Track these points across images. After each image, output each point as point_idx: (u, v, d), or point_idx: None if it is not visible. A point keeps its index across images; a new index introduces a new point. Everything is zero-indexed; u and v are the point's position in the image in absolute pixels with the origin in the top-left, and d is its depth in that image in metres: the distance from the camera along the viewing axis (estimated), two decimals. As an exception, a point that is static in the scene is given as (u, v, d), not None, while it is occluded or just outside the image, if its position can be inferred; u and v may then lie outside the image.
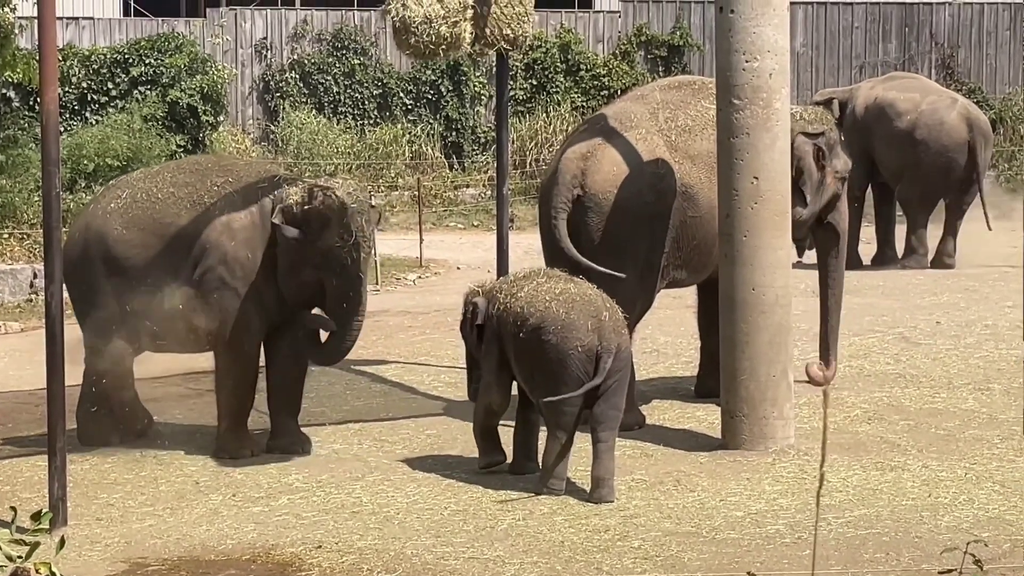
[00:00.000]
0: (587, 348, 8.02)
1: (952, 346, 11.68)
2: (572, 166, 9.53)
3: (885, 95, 16.42)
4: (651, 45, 24.50)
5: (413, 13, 10.45)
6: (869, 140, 16.21)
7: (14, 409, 9.69)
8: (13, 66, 15.29)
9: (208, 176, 9.24)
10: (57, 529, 7.55)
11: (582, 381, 8.01)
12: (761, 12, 8.91)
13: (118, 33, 22.64)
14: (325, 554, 7.34)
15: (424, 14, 10.45)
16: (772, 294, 8.93)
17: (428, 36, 10.46)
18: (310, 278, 8.85)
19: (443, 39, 10.48)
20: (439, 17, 10.44)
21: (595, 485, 8.06)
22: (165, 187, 9.25)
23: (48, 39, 7.74)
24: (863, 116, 16.30)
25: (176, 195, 9.18)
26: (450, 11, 10.46)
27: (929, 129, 16.03)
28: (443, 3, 10.45)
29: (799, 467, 8.56)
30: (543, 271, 8.58)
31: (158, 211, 9.16)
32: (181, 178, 9.28)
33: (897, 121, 16.15)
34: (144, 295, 9.05)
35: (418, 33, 10.47)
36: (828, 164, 9.93)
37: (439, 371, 11.24)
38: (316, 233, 8.74)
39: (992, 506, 7.83)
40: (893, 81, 17.10)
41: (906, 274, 15.70)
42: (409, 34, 10.50)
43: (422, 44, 10.53)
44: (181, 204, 9.13)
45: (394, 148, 22.73)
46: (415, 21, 10.46)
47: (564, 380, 8.02)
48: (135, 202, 9.24)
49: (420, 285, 16.73)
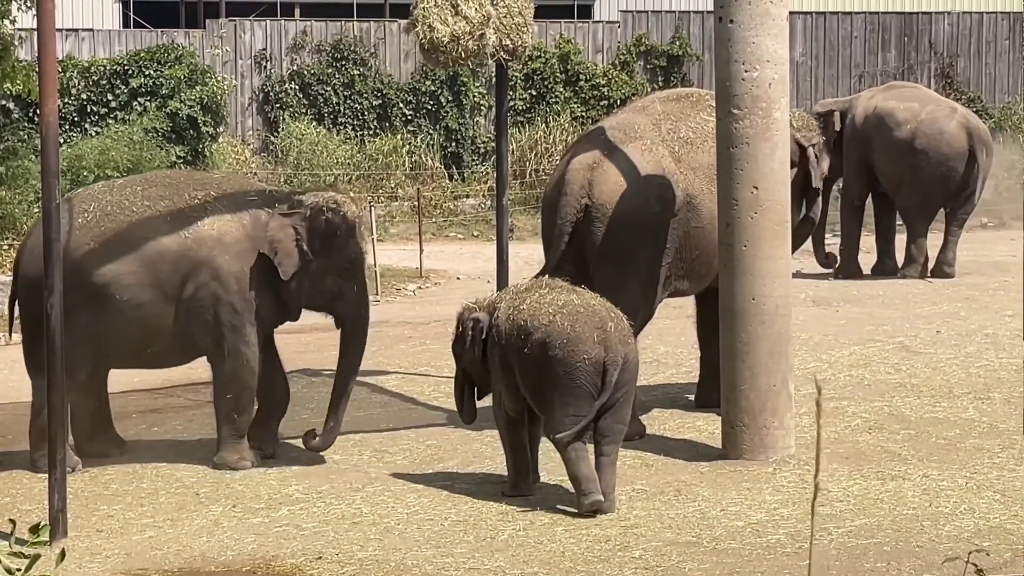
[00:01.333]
0: (594, 361, 7.92)
1: (952, 355, 11.68)
2: (579, 176, 9.54)
3: (884, 104, 16.41)
4: (650, 55, 24.52)
5: (440, 34, 10.65)
6: (868, 150, 16.21)
7: (15, 421, 9.68)
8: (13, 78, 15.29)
9: (184, 189, 9.18)
10: (57, 541, 7.55)
11: (591, 394, 7.92)
12: (760, 22, 8.91)
13: (118, 44, 22.66)
14: (325, 565, 7.34)
15: (451, 32, 10.63)
16: (772, 304, 8.93)
17: (457, 52, 10.79)
18: (333, 286, 9.14)
19: (471, 53, 10.80)
20: (465, 33, 10.66)
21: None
22: (138, 200, 9.09)
23: (48, 51, 7.74)
24: (862, 126, 16.28)
25: (153, 208, 9.05)
26: (475, 25, 10.63)
27: (928, 138, 16.02)
28: (468, 19, 10.59)
29: (800, 477, 8.55)
30: (545, 282, 8.49)
31: (135, 224, 9.00)
32: (154, 191, 9.15)
33: (896, 130, 16.14)
34: (120, 311, 8.94)
35: (447, 51, 10.76)
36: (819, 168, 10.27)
37: (439, 381, 11.23)
38: (343, 242, 9.09)
39: (993, 515, 7.82)
40: (892, 91, 17.09)
41: (906, 283, 15.70)
42: (439, 53, 10.83)
43: (451, 60, 10.91)
44: (160, 217, 9.01)
45: (394, 158, 22.76)
46: (443, 41, 10.66)
47: (572, 394, 7.93)
48: (106, 215, 9.03)
49: (420, 296, 16.73)
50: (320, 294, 9.16)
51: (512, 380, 8.18)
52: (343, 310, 9.24)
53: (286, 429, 10.04)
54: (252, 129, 23.17)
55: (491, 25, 10.69)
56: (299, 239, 9.02)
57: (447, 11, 10.74)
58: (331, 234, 9.08)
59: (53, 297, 7.75)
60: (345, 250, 9.14)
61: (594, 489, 7.91)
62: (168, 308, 8.99)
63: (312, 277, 9.08)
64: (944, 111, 16.38)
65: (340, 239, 9.10)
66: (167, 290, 8.98)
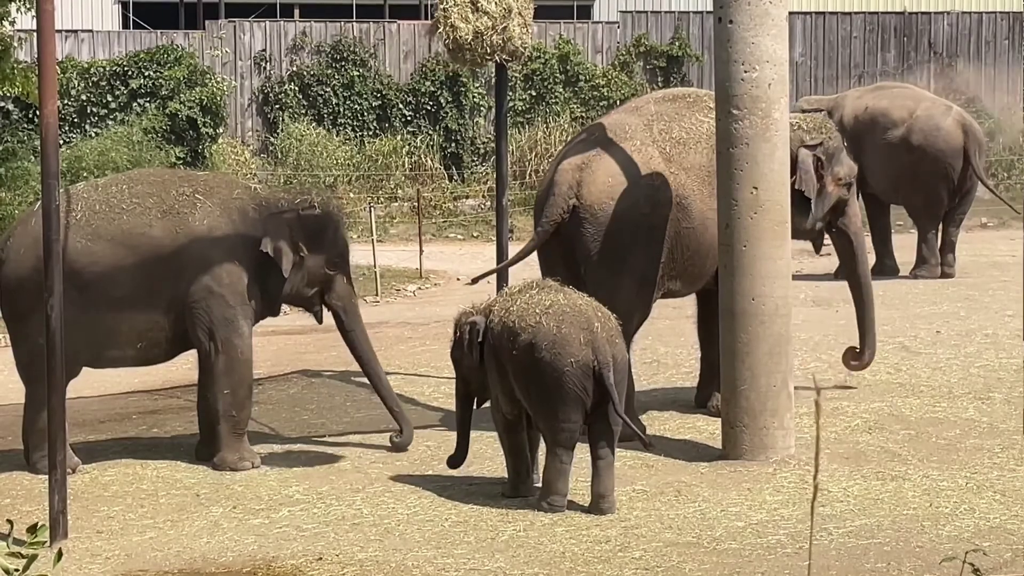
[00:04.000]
0: (582, 363, 7.86)
1: (952, 355, 11.68)
2: (568, 177, 9.53)
3: (877, 104, 16.34)
4: (650, 56, 24.52)
5: (464, 32, 10.64)
6: (859, 150, 16.09)
7: (14, 422, 9.68)
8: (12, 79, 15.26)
9: (171, 186, 9.23)
10: (57, 542, 7.55)
11: (580, 399, 7.90)
12: (759, 22, 8.91)
13: (117, 46, 22.66)
14: (326, 566, 7.33)
15: (474, 29, 10.63)
16: (772, 304, 8.93)
17: (483, 49, 10.82)
18: (324, 279, 9.33)
19: (497, 47, 10.76)
20: (488, 29, 10.63)
21: (595, 501, 8.03)
22: (126, 198, 9.12)
23: (47, 52, 7.74)
24: (853, 126, 16.13)
25: (143, 205, 9.09)
26: (496, 19, 10.61)
27: (925, 135, 15.98)
28: (488, 14, 10.58)
29: (800, 477, 8.55)
30: (536, 283, 8.45)
31: (126, 221, 9.04)
32: (141, 188, 9.18)
33: (892, 130, 16.10)
34: (113, 308, 8.96)
35: (472, 48, 10.74)
36: (828, 171, 10.01)
37: (439, 382, 11.23)
38: (333, 235, 9.33)
39: (993, 515, 7.82)
40: (883, 91, 17.02)
41: (905, 283, 15.68)
42: (464, 51, 10.82)
43: (478, 57, 10.93)
44: (150, 214, 9.06)
45: (393, 159, 22.76)
46: (467, 39, 10.65)
47: (561, 397, 7.90)
48: (95, 214, 9.04)
49: (420, 296, 16.73)
50: (310, 287, 9.33)
51: (507, 383, 8.16)
52: (335, 303, 9.42)
53: (287, 431, 10.06)
54: (252, 130, 23.18)
55: (513, 17, 10.69)
56: (293, 235, 9.15)
57: (467, 8, 10.74)
58: (322, 228, 9.29)
59: (52, 299, 7.74)
60: (336, 243, 9.38)
61: (560, 505, 8.01)
62: (160, 304, 9.01)
63: (305, 271, 9.25)
64: (940, 108, 16.36)
65: (330, 233, 9.34)
66: (158, 286, 9.00)
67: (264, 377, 11.33)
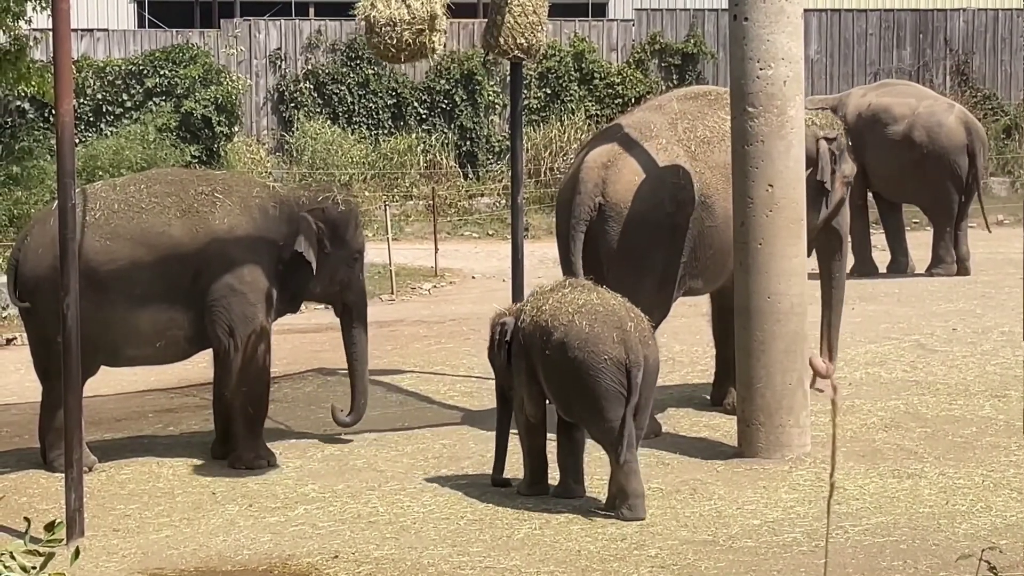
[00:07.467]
0: (615, 360, 7.82)
1: (968, 353, 11.65)
2: (593, 175, 9.51)
3: (879, 101, 16.30)
4: (665, 53, 24.49)
5: (379, 14, 10.42)
6: (861, 148, 16.00)
7: (31, 420, 9.70)
8: (28, 78, 15.30)
9: (189, 185, 9.25)
10: (74, 540, 7.56)
11: (619, 394, 7.80)
12: (775, 20, 8.90)
13: (132, 44, 22.69)
14: (342, 564, 7.34)
15: (389, 16, 10.40)
16: (787, 302, 8.91)
17: (391, 39, 10.45)
18: (344, 276, 9.43)
19: (406, 44, 10.45)
20: (404, 22, 10.38)
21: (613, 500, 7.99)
22: (145, 197, 9.13)
23: (63, 51, 7.76)
24: (855, 123, 16.06)
25: (162, 204, 9.10)
26: (416, 18, 10.39)
27: (927, 131, 15.95)
28: (410, 9, 10.39)
29: (816, 475, 8.54)
30: (567, 282, 8.42)
31: (146, 220, 9.05)
32: (159, 188, 9.20)
33: (893, 126, 16.06)
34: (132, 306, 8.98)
35: (381, 35, 10.47)
36: (837, 168, 10.06)
37: (455, 380, 11.24)
38: (353, 233, 9.43)
39: (1010, 513, 7.81)
40: (886, 88, 17.00)
41: (921, 281, 15.65)
42: (372, 34, 10.55)
43: (383, 46, 10.54)
44: (170, 212, 9.08)
45: (408, 158, 22.76)
46: (379, 23, 10.44)
47: (601, 396, 7.82)
48: (114, 213, 9.05)
49: (435, 295, 16.74)
50: (332, 284, 9.43)
51: (535, 387, 8.12)
52: (351, 298, 9.55)
53: (302, 428, 10.07)
54: (267, 128, 23.19)
55: (437, 27, 10.48)
56: (320, 233, 9.22)
57: None
58: (344, 225, 9.38)
59: (69, 297, 7.76)
60: (355, 241, 9.49)
61: (640, 508, 7.82)
62: (179, 302, 9.03)
63: (328, 269, 9.32)
64: (942, 106, 16.35)
65: (350, 231, 9.43)
66: (178, 284, 9.02)
67: (280, 375, 11.34)
